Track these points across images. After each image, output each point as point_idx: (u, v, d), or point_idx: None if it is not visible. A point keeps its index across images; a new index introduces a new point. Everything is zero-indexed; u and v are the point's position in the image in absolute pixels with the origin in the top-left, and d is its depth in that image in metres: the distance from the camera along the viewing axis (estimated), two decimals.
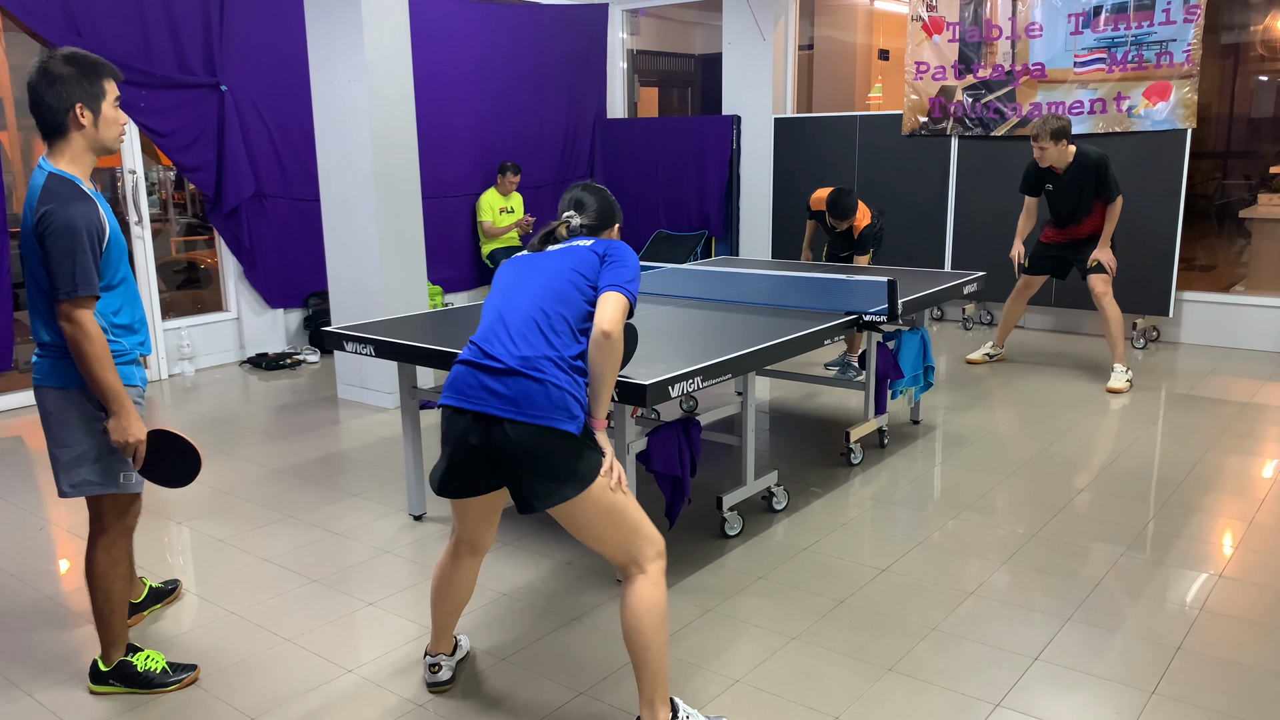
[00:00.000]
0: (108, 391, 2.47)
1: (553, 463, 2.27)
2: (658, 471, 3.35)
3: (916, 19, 7.39)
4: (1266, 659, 2.81)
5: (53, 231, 2.38)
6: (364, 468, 4.61)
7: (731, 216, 8.57)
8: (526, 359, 2.30)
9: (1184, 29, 6.30)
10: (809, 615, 3.11)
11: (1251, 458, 4.51)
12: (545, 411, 2.26)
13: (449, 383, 2.38)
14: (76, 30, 5.66)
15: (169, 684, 2.76)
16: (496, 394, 2.28)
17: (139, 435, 2.55)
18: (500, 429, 2.27)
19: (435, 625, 2.74)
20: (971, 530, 3.75)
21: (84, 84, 2.47)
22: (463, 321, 3.97)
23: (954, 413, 5.29)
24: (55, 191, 2.43)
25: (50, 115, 2.47)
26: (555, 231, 2.56)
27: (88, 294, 2.41)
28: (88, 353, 2.42)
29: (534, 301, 2.39)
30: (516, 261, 2.55)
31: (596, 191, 2.62)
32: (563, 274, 2.41)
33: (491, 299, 2.50)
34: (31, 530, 3.96)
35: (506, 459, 2.28)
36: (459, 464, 2.36)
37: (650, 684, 2.36)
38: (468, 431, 2.31)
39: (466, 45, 7.82)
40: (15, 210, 5.84)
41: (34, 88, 2.46)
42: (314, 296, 7.05)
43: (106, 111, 2.53)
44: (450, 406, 2.36)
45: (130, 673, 2.75)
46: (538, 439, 2.26)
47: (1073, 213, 5.74)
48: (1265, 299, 6.63)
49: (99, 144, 2.53)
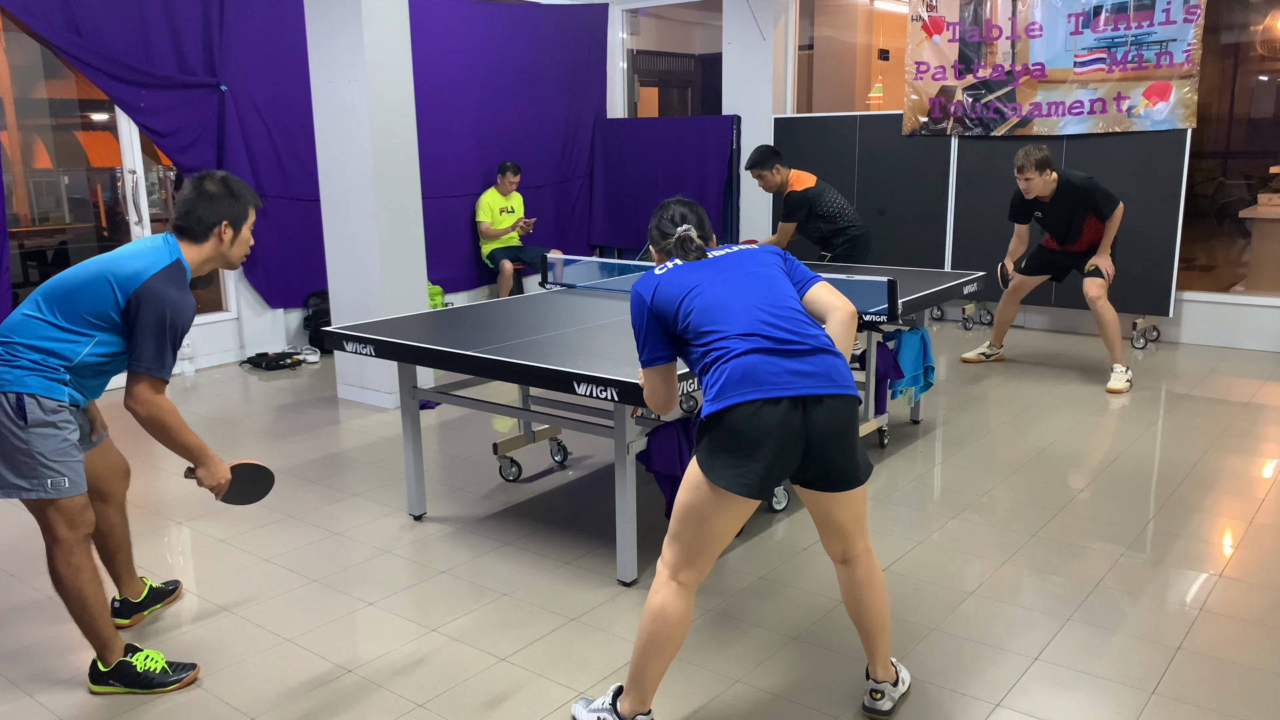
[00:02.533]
0: (193, 451, 2.69)
1: (857, 434, 2.34)
2: (658, 471, 3.35)
3: (916, 19, 7.39)
4: (1266, 659, 2.81)
5: (166, 317, 2.58)
6: (364, 468, 4.61)
7: (731, 216, 8.57)
8: (817, 335, 2.32)
9: (1184, 29, 6.30)
10: (809, 615, 3.11)
11: (1251, 458, 4.51)
12: (851, 382, 2.31)
13: (738, 379, 2.23)
14: (77, 30, 5.67)
15: (169, 684, 2.76)
16: (808, 374, 2.25)
17: (226, 477, 2.77)
18: (821, 407, 2.24)
19: (652, 683, 2.42)
20: (971, 530, 3.75)
21: (234, 206, 2.77)
22: (463, 321, 3.97)
23: (954, 413, 5.29)
24: (178, 279, 2.65)
25: (196, 223, 2.73)
26: (691, 242, 2.49)
27: (163, 378, 2.61)
28: (170, 424, 2.63)
29: (767, 291, 2.38)
30: (693, 269, 2.43)
31: (695, 208, 2.60)
32: (766, 270, 2.44)
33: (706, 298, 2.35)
34: (31, 530, 3.96)
35: (826, 436, 2.25)
36: (780, 455, 2.24)
37: (888, 646, 2.57)
38: (787, 419, 2.21)
39: (466, 45, 7.83)
40: (15, 210, 5.84)
41: (189, 200, 2.73)
42: (314, 296, 7.06)
43: (244, 234, 2.82)
44: (758, 400, 2.22)
45: (130, 673, 2.75)
46: (852, 410, 2.30)
47: (1066, 233, 5.78)
48: (1265, 299, 6.63)
49: (224, 260, 2.82)
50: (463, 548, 3.68)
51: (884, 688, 2.58)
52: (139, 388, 2.57)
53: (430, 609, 3.21)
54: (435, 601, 3.26)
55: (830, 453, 2.27)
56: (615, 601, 3.22)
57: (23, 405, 2.54)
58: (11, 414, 2.53)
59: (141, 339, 2.56)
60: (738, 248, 2.55)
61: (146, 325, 2.56)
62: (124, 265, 2.61)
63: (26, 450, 2.56)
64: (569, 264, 5.19)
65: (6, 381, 2.54)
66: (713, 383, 2.29)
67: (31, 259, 6.37)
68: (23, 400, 2.53)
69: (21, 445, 2.55)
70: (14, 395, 2.53)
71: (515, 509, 4.06)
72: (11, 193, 5.98)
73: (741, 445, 2.23)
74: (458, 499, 4.18)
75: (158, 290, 2.57)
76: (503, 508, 4.07)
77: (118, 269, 2.61)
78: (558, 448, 4.59)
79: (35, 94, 6.34)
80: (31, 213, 6.37)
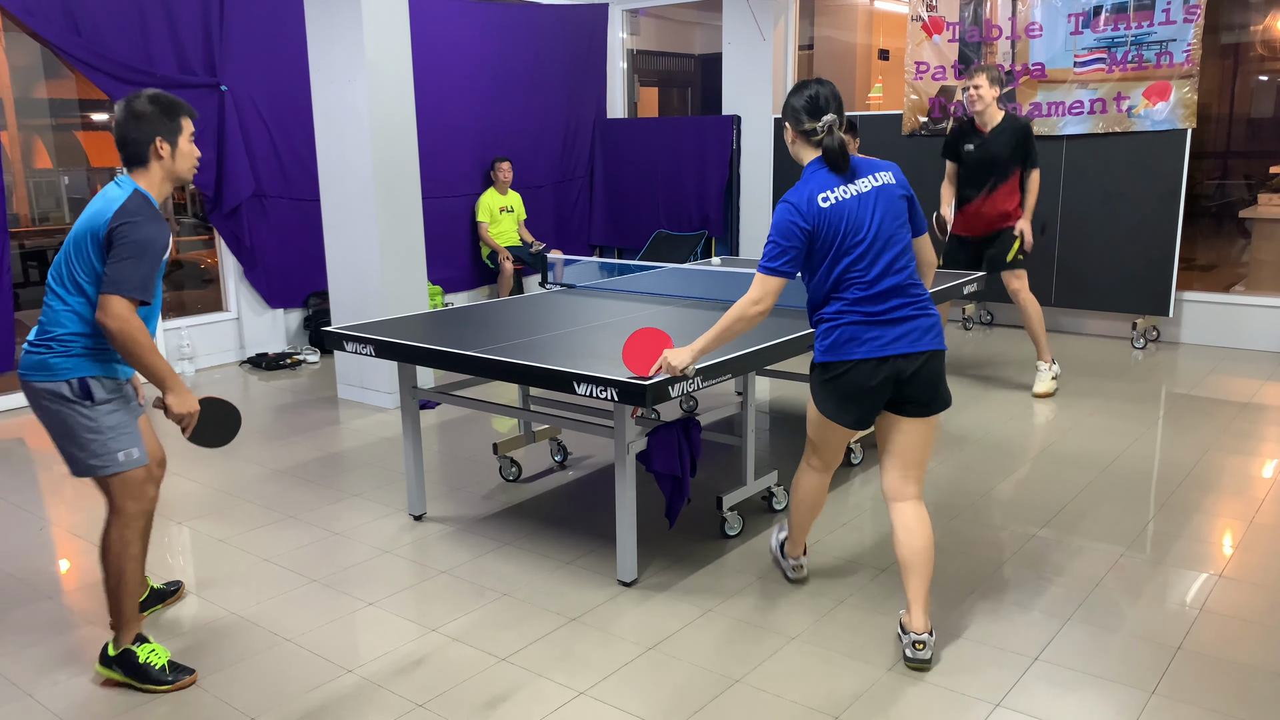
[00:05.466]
0: (160, 374, 2.69)
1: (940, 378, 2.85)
2: (658, 471, 3.35)
3: (916, 19, 7.39)
4: (1266, 659, 2.81)
5: (131, 239, 2.61)
6: (364, 468, 4.61)
7: (731, 216, 8.57)
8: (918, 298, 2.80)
9: (1184, 29, 6.30)
10: (809, 615, 3.11)
11: (1251, 458, 4.51)
12: (938, 339, 2.82)
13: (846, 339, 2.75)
14: (77, 30, 5.66)
15: (164, 683, 2.76)
16: (902, 336, 2.76)
17: (194, 407, 2.79)
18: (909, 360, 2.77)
19: (801, 534, 3.23)
20: (972, 530, 3.75)
21: (163, 121, 2.75)
22: (463, 321, 3.97)
23: (954, 413, 5.29)
24: (141, 207, 2.67)
25: (133, 148, 2.74)
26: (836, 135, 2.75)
27: (138, 298, 2.63)
28: (139, 341, 2.63)
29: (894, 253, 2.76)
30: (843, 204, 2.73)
31: (830, 85, 2.82)
32: (897, 232, 2.78)
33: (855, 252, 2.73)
34: (31, 530, 3.96)
35: (913, 381, 2.77)
36: (874, 398, 2.79)
37: (928, 589, 2.84)
38: (881, 371, 2.74)
39: (466, 45, 7.82)
40: (15, 210, 5.84)
41: (120, 124, 2.73)
42: (314, 296, 7.05)
43: (183, 146, 2.81)
44: (858, 360, 2.75)
45: (131, 662, 2.79)
46: (936, 361, 2.82)
47: (986, 178, 5.50)
48: (1265, 299, 6.63)
49: (175, 175, 2.81)
50: (463, 548, 3.68)
51: (925, 638, 2.78)
52: (111, 301, 2.59)
53: (430, 609, 3.21)
54: (435, 601, 3.26)
55: (915, 392, 2.78)
56: (615, 601, 3.22)
57: (87, 386, 2.70)
58: (77, 397, 2.69)
59: (116, 262, 2.60)
60: (880, 181, 2.78)
61: (120, 250, 2.61)
62: (91, 219, 2.68)
63: (96, 428, 2.71)
64: (569, 264, 5.19)
65: (66, 370, 2.68)
66: (826, 336, 2.79)
67: (31, 259, 6.37)
68: (86, 382, 2.69)
69: (91, 424, 2.70)
70: (76, 380, 2.69)
71: (515, 509, 4.06)
72: (11, 193, 5.98)
73: (845, 392, 2.79)
74: (458, 499, 4.18)
75: (124, 218, 2.63)
76: (503, 508, 4.07)
77: (88, 224, 2.68)
78: (558, 448, 4.59)
79: (35, 94, 6.34)
80: (31, 213, 6.37)
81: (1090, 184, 6.80)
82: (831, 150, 2.72)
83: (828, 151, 2.72)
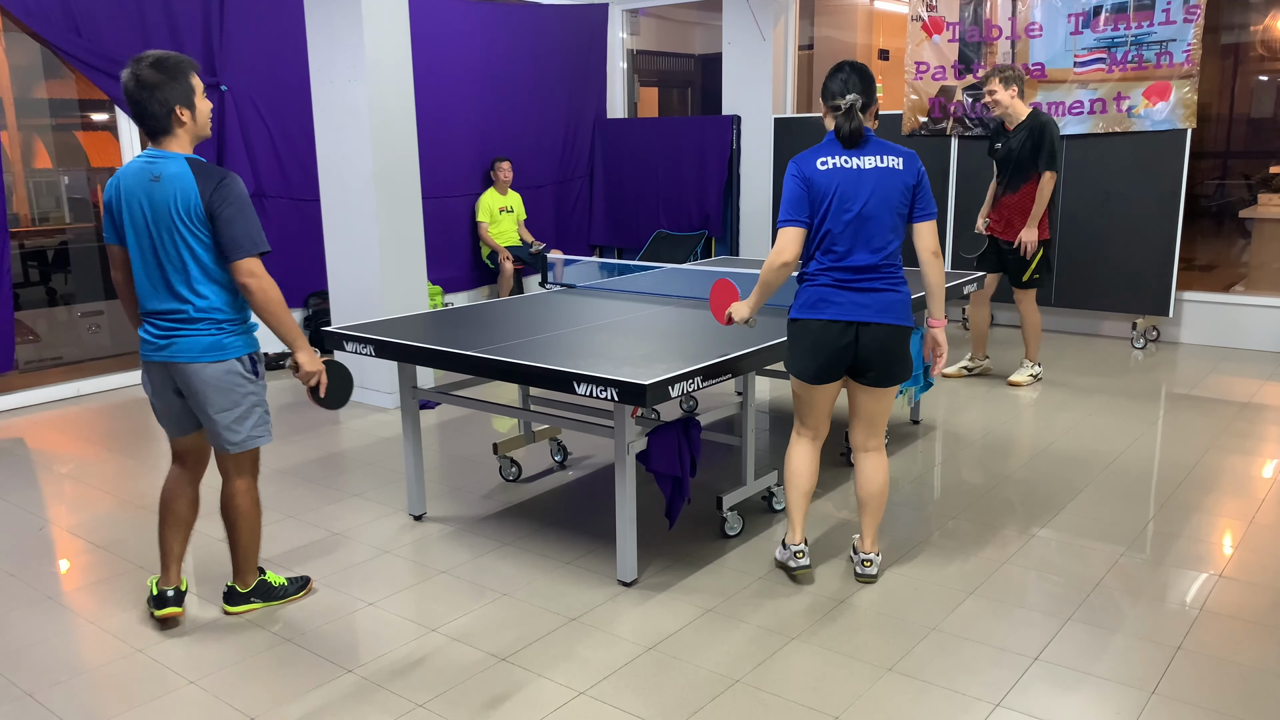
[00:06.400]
0: (292, 330, 2.81)
1: (898, 351, 3.08)
2: (658, 471, 3.35)
3: (916, 19, 7.39)
4: (1266, 659, 2.81)
5: (235, 198, 2.71)
6: (364, 468, 4.61)
7: (731, 216, 8.57)
8: (890, 274, 3.04)
9: (1184, 29, 6.30)
10: (809, 615, 3.11)
11: (1251, 458, 4.51)
12: (898, 315, 3.05)
13: (815, 300, 3.03)
14: (76, 30, 5.67)
15: (294, 594, 3.22)
16: (866, 306, 3.00)
17: (321, 365, 2.91)
18: (869, 329, 3.01)
19: (797, 514, 3.28)
20: (971, 530, 3.75)
21: (176, 86, 2.72)
22: (463, 321, 3.97)
23: (954, 413, 5.29)
24: (210, 171, 2.73)
25: (155, 121, 2.73)
26: (853, 115, 2.98)
27: (264, 250, 2.74)
28: (274, 298, 2.76)
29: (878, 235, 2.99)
30: (843, 175, 2.99)
31: (865, 73, 3.03)
32: (891, 217, 3.00)
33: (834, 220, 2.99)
34: (31, 530, 3.96)
35: (870, 350, 3.03)
36: (834, 359, 3.05)
37: (877, 524, 3.30)
38: (843, 334, 3.02)
39: (466, 45, 7.82)
40: (15, 210, 5.84)
41: (134, 99, 2.70)
42: (314, 296, 7.05)
43: (199, 105, 2.79)
44: (825, 320, 3.02)
45: (267, 589, 3.17)
46: (893, 334, 3.05)
47: (1010, 178, 5.47)
48: (1265, 299, 6.63)
49: (199, 135, 2.82)
50: (463, 548, 3.68)
51: (873, 557, 3.29)
52: (245, 264, 2.71)
53: (430, 609, 3.21)
54: (435, 601, 3.26)
55: (873, 361, 3.04)
56: (615, 601, 3.22)
57: (255, 361, 2.87)
58: (248, 373, 2.81)
59: (228, 227, 2.69)
60: (887, 164, 3.00)
61: (227, 214, 2.68)
62: (167, 202, 2.70)
63: (261, 400, 2.91)
64: (569, 264, 5.19)
65: (236, 347, 2.82)
66: (801, 294, 3.08)
67: (32, 259, 6.36)
68: (254, 357, 2.86)
69: (257, 398, 2.89)
70: (248, 356, 2.84)
71: (515, 509, 4.06)
72: (11, 193, 5.98)
73: (805, 347, 3.07)
74: (458, 499, 4.18)
75: (208, 184, 2.68)
76: (503, 508, 4.07)
77: (169, 207, 2.69)
78: (558, 448, 4.59)
79: (35, 94, 6.33)
80: (31, 213, 6.37)
81: (1090, 184, 6.80)
82: (840, 127, 2.99)
83: (838, 127, 3.00)
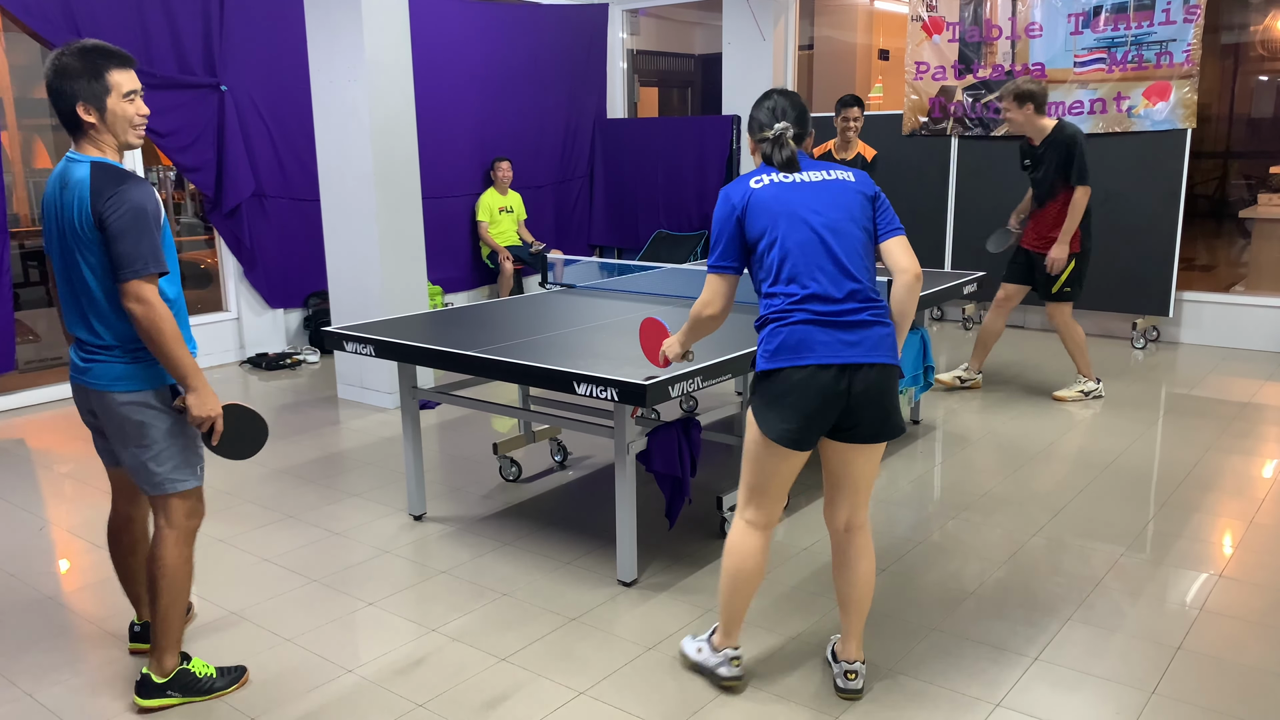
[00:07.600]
0: (184, 368, 2.43)
1: (893, 396, 2.51)
2: (658, 471, 3.35)
3: (916, 19, 7.39)
4: (1266, 659, 2.81)
5: (128, 209, 2.33)
6: (364, 468, 4.61)
7: None
8: (873, 304, 2.48)
9: (1184, 29, 6.30)
10: (809, 615, 3.11)
11: (1251, 458, 4.51)
12: (891, 352, 2.48)
13: (793, 345, 2.41)
14: (76, 30, 5.66)
15: (225, 688, 2.70)
16: (854, 344, 2.42)
17: (217, 409, 2.52)
18: (861, 374, 2.43)
19: (736, 617, 2.68)
20: (971, 530, 3.75)
21: (84, 81, 2.36)
22: (463, 321, 3.97)
23: (954, 413, 5.29)
24: (111, 177, 2.36)
25: (63, 117, 2.40)
26: (785, 145, 2.52)
27: (158, 270, 2.37)
28: (164, 330, 2.37)
29: (844, 250, 2.46)
30: (785, 194, 2.49)
31: (795, 101, 2.59)
32: (851, 228, 2.49)
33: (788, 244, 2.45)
34: (31, 530, 3.96)
35: (863, 399, 2.44)
36: (822, 413, 2.44)
37: (863, 624, 2.68)
38: (833, 382, 2.41)
39: (466, 45, 7.82)
40: (15, 210, 5.84)
41: (49, 83, 2.38)
42: (314, 296, 7.05)
43: (114, 107, 2.40)
44: (810, 366, 2.41)
45: (189, 682, 2.65)
46: (889, 377, 2.48)
47: (1040, 194, 5.29)
48: (1265, 299, 6.63)
49: (122, 142, 2.46)
50: (463, 548, 3.68)
51: (858, 667, 2.67)
52: (131, 286, 2.34)
53: (430, 609, 3.21)
54: (435, 601, 3.26)
55: (865, 412, 2.44)
56: (615, 601, 3.22)
57: (176, 394, 2.52)
58: (164, 405, 2.52)
59: (115, 242, 2.33)
60: (834, 176, 2.54)
61: (120, 235, 2.33)
62: (71, 214, 2.39)
63: (181, 438, 2.55)
64: (569, 264, 5.19)
65: (150, 378, 2.49)
66: (770, 339, 2.46)
67: (31, 259, 6.36)
68: (175, 389, 2.52)
69: (177, 436, 2.54)
70: (167, 387, 2.52)
71: (515, 509, 4.06)
72: (11, 193, 5.98)
73: (789, 403, 2.42)
74: (458, 499, 4.18)
75: (116, 201, 2.33)
76: (503, 508, 4.07)
77: (69, 216, 2.40)
78: (558, 448, 4.59)
79: (35, 94, 6.33)
80: (31, 213, 6.37)
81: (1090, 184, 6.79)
82: (770, 157, 2.55)
83: (768, 157, 2.56)
